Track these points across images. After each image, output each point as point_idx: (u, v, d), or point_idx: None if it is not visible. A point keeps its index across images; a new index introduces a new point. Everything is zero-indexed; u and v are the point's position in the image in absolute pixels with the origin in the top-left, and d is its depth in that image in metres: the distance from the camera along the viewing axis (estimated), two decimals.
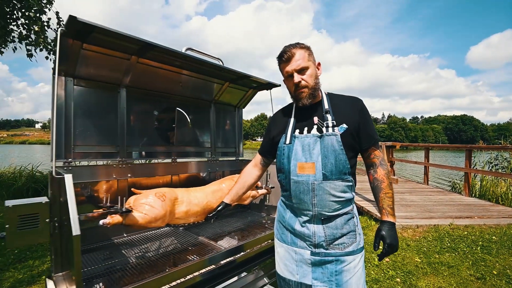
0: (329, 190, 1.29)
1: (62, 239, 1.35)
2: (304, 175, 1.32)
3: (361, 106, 1.38)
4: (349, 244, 1.34)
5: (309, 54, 1.36)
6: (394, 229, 1.32)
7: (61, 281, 1.34)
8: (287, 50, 1.34)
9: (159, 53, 1.80)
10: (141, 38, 1.55)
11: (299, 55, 1.32)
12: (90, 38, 1.55)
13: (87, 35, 1.50)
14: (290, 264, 1.43)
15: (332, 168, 1.29)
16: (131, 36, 1.51)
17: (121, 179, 1.97)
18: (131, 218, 1.48)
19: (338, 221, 1.34)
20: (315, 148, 1.31)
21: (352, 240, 1.35)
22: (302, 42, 1.39)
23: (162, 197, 1.65)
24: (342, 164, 1.29)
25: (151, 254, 1.74)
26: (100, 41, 1.61)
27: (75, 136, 1.78)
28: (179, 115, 2.36)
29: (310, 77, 1.34)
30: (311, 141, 1.33)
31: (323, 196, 1.30)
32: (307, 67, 1.33)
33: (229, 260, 1.77)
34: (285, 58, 1.34)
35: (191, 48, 1.91)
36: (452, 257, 3.63)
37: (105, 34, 1.51)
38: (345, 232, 1.34)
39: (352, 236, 1.35)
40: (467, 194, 7.02)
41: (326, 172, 1.29)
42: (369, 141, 1.37)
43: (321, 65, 1.42)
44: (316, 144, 1.32)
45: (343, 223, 1.34)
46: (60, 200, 1.32)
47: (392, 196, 1.36)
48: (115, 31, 1.44)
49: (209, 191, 2.01)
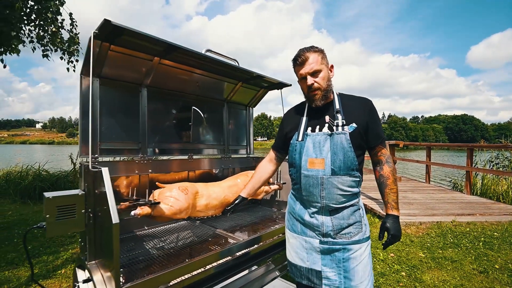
0: (336, 184, 1.39)
1: (96, 229, 1.44)
2: (314, 169, 1.42)
3: (370, 107, 1.48)
4: (355, 234, 1.44)
5: (322, 57, 1.44)
6: (398, 221, 1.44)
7: (95, 268, 1.44)
8: (301, 53, 1.43)
9: (181, 54, 1.90)
10: (166, 40, 1.65)
11: (312, 59, 1.41)
12: (118, 40, 1.65)
13: (117, 37, 1.60)
14: (300, 252, 1.54)
15: (340, 164, 1.38)
16: (157, 38, 1.61)
17: (143, 174, 2.07)
18: (159, 209, 1.57)
19: (345, 212, 1.44)
20: (325, 145, 1.41)
21: (358, 230, 1.45)
22: (316, 46, 1.47)
23: (185, 191, 1.75)
24: (350, 160, 1.39)
25: (177, 244, 1.83)
26: (127, 42, 1.70)
27: (101, 133, 1.88)
28: (195, 114, 2.46)
29: (323, 80, 1.43)
30: (321, 139, 1.43)
31: (331, 190, 1.40)
32: (320, 70, 1.42)
33: (246, 251, 1.87)
34: (299, 61, 1.43)
35: (210, 50, 2.00)
36: (455, 252, 3.73)
37: (132, 36, 1.61)
38: (352, 223, 1.45)
39: (358, 226, 1.46)
40: (469, 192, 7.12)
41: (335, 167, 1.39)
42: (376, 140, 1.47)
43: (334, 68, 1.51)
44: (326, 141, 1.42)
45: (350, 214, 1.44)
46: (95, 192, 1.41)
47: (396, 192, 1.47)
48: (144, 33, 1.53)
49: (226, 186, 2.10)
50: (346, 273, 1.42)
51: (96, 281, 1.34)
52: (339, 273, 1.44)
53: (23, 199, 6.75)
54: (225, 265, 1.75)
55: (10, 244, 4.06)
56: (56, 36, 4.74)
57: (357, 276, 1.41)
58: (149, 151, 2.17)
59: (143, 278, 1.29)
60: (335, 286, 1.44)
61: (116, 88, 1.97)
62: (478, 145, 7.75)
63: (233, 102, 2.89)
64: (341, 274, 1.43)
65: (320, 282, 1.48)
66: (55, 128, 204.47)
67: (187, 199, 1.72)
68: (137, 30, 1.51)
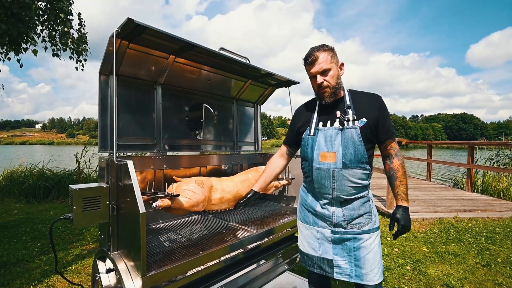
0: (347, 176, 1.46)
1: (119, 220, 1.50)
2: (326, 163, 1.48)
3: (380, 103, 1.53)
4: (366, 224, 1.51)
5: (332, 56, 1.49)
6: (408, 212, 1.49)
7: (118, 258, 1.49)
8: (311, 53, 1.49)
9: (196, 52, 1.96)
10: (184, 38, 1.71)
11: (322, 58, 1.47)
12: (138, 38, 1.70)
13: (137, 36, 1.66)
14: (312, 242, 1.61)
15: (351, 157, 1.45)
16: (175, 36, 1.66)
17: (158, 169, 2.13)
18: (178, 202, 1.64)
19: (355, 203, 1.51)
20: (336, 139, 1.48)
21: (368, 220, 1.52)
22: (327, 44, 1.53)
23: (201, 184, 1.81)
24: (360, 154, 1.45)
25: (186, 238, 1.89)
26: (146, 41, 1.76)
27: (118, 129, 1.94)
28: (206, 111, 2.52)
29: (332, 78, 1.49)
30: (333, 133, 1.50)
31: (342, 182, 1.46)
32: (329, 69, 1.48)
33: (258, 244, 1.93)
34: (309, 61, 1.50)
35: (224, 48, 2.06)
36: (458, 247, 3.80)
37: (152, 35, 1.66)
38: (362, 213, 1.51)
39: (368, 217, 1.52)
40: (470, 190, 7.19)
41: (346, 160, 1.45)
42: (386, 134, 1.52)
43: (344, 65, 1.56)
44: (337, 136, 1.48)
45: (360, 205, 1.51)
46: (119, 184, 1.47)
47: (406, 184, 1.52)
48: (164, 31, 1.59)
49: (238, 181, 2.17)
50: (357, 262, 1.49)
51: (121, 270, 1.39)
52: (350, 261, 1.51)
53: (28, 199, 6.79)
54: (237, 257, 1.81)
55: (18, 241, 4.11)
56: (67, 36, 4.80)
57: (367, 264, 1.48)
58: (164, 147, 2.23)
59: (164, 267, 1.35)
60: (346, 274, 1.51)
61: (132, 86, 2.04)
62: (478, 143, 7.82)
63: (242, 100, 2.96)
64: (352, 263, 1.50)
65: (331, 270, 1.55)
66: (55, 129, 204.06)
67: (204, 192, 1.78)
68: (157, 29, 1.57)
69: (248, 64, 2.22)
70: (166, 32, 1.60)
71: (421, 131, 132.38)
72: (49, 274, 3.12)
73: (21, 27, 3.45)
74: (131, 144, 2.03)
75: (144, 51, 1.88)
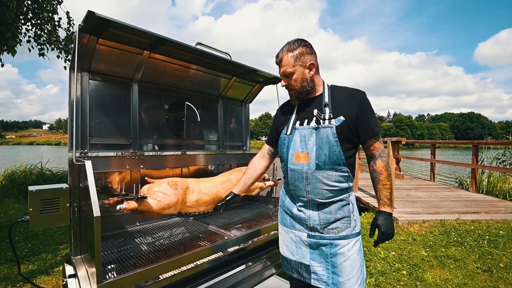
0: (321, 179, 1.37)
1: (81, 223, 1.42)
2: (299, 164, 1.41)
3: (361, 99, 1.40)
4: (343, 229, 1.41)
5: (296, 58, 1.38)
6: (390, 218, 1.39)
7: (79, 263, 1.42)
8: (278, 54, 1.44)
9: (170, 47, 1.87)
10: (154, 32, 1.62)
11: (285, 61, 1.40)
12: (105, 33, 1.62)
13: (103, 30, 1.57)
14: (290, 245, 1.54)
15: (325, 158, 1.35)
16: (145, 30, 1.58)
17: (134, 170, 2.05)
18: (146, 204, 1.55)
19: (332, 207, 1.41)
20: (310, 139, 1.39)
21: (346, 225, 1.41)
22: (296, 41, 1.41)
23: (174, 186, 1.72)
24: (336, 155, 1.35)
25: (166, 240, 1.81)
26: (115, 36, 1.68)
27: (90, 128, 1.86)
28: (189, 109, 2.43)
29: (295, 82, 1.42)
30: (307, 133, 1.41)
31: (315, 184, 1.38)
32: (292, 73, 1.40)
33: (238, 248, 1.84)
34: (276, 62, 1.46)
35: (201, 43, 1.97)
36: (458, 250, 3.65)
37: (119, 29, 1.58)
38: (339, 217, 1.41)
39: (346, 222, 1.42)
40: (474, 190, 6.98)
41: (320, 162, 1.36)
42: (367, 133, 1.40)
43: (315, 65, 1.42)
44: (311, 135, 1.39)
45: (337, 209, 1.41)
46: (80, 186, 1.39)
47: (390, 188, 1.41)
48: (129, 25, 1.51)
49: (218, 182, 2.07)
50: (334, 269, 1.39)
51: (80, 277, 1.31)
52: (327, 268, 1.41)
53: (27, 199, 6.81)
54: (216, 261, 1.72)
55: None
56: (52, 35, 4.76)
57: (344, 272, 1.38)
58: (141, 147, 2.15)
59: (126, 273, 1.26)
60: (323, 281, 1.41)
61: (106, 83, 1.96)
62: (484, 142, 7.59)
63: (228, 98, 2.86)
64: (329, 269, 1.40)
65: (309, 276, 1.46)
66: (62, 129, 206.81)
67: (176, 194, 1.70)
68: (123, 22, 1.48)
69: (229, 60, 2.12)
70: (133, 26, 1.51)
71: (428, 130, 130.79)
72: (35, 275, 3.08)
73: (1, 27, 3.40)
74: (105, 143, 1.95)
75: (116, 46, 1.80)
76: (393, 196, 1.44)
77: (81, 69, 1.82)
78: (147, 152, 2.19)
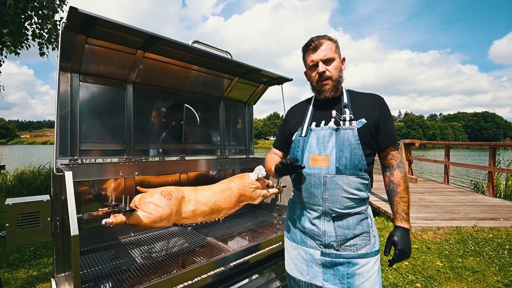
0: (341, 185, 1.24)
1: (64, 239, 1.30)
2: (317, 167, 1.28)
3: (382, 103, 1.34)
4: (362, 246, 1.27)
5: (336, 46, 1.35)
6: (408, 235, 1.27)
7: (62, 282, 1.30)
8: (314, 39, 1.33)
9: (165, 46, 1.74)
10: (145, 30, 1.49)
11: (326, 46, 1.31)
12: (94, 31, 1.51)
13: (90, 28, 1.45)
14: (300, 264, 1.38)
15: (346, 162, 1.24)
16: (135, 28, 1.46)
17: (128, 177, 1.93)
18: (135, 217, 1.42)
19: (350, 220, 1.27)
20: (330, 140, 1.28)
21: (365, 242, 1.28)
22: (331, 35, 1.37)
23: (168, 196, 1.59)
24: (357, 159, 1.24)
25: (158, 254, 1.69)
26: (104, 34, 1.56)
27: (81, 133, 1.75)
28: (188, 112, 2.30)
29: (335, 69, 1.32)
30: (326, 134, 1.30)
31: (335, 191, 1.25)
32: (333, 59, 1.32)
33: (239, 263, 1.70)
34: (312, 46, 1.32)
35: (198, 41, 1.84)
36: (476, 261, 3.41)
37: (108, 27, 1.46)
38: (358, 233, 1.27)
39: (365, 238, 1.28)
40: (491, 195, 6.67)
41: (340, 165, 1.24)
42: (387, 140, 1.31)
43: (345, 61, 1.41)
44: (331, 136, 1.28)
45: (356, 223, 1.28)
46: (62, 198, 1.27)
47: (408, 201, 1.30)
48: (118, 22, 1.39)
49: (218, 190, 1.93)
50: None
51: None
52: None
53: None
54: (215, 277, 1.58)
55: None
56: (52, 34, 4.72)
57: None
58: (136, 152, 2.02)
59: None
60: None
61: (98, 85, 1.84)
62: (501, 144, 7.25)
63: (230, 99, 2.72)
64: None
65: None
66: None
67: (170, 205, 1.56)
68: (110, 19, 1.36)
69: (230, 60, 1.98)
70: (122, 23, 1.39)
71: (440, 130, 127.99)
72: (34, 282, 3.01)
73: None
74: (96, 149, 1.83)
75: (107, 46, 1.68)
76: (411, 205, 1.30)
77: (71, 70, 1.70)
78: (142, 158, 2.07)
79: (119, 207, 1.43)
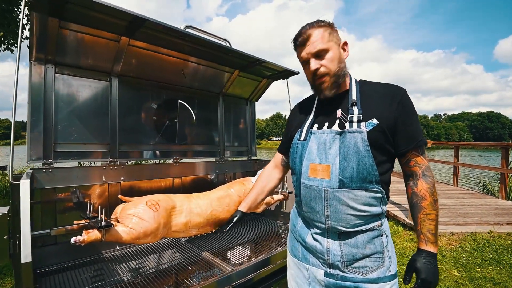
0: (346, 201, 1.01)
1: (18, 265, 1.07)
2: (317, 179, 1.06)
3: (401, 98, 1.06)
4: (374, 269, 1.04)
5: (330, 32, 1.09)
6: (434, 261, 1.02)
7: None
8: (302, 31, 1.10)
9: (152, 31, 1.50)
10: (128, 10, 1.25)
11: (316, 36, 1.07)
12: (67, 13, 1.27)
13: (61, 8, 1.22)
14: (301, 283, 1.18)
15: (352, 173, 1.00)
16: (114, 6, 1.21)
17: (113, 183, 1.69)
18: (114, 233, 1.18)
19: (359, 238, 1.04)
20: (332, 147, 1.05)
21: (377, 264, 1.04)
22: (323, 20, 1.12)
23: (155, 206, 1.35)
24: (366, 169, 1.00)
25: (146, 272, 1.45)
26: (80, 16, 1.33)
27: (56, 133, 1.52)
28: (182, 109, 2.06)
29: (331, 62, 1.08)
30: (328, 138, 1.07)
31: (338, 208, 1.02)
32: (327, 49, 1.07)
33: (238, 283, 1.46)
34: (299, 41, 1.10)
35: (191, 26, 1.60)
36: (497, 271, 3.15)
37: (83, 6, 1.23)
38: (369, 253, 1.04)
39: (378, 259, 1.04)
40: (504, 197, 6.39)
41: (344, 178, 1.01)
42: (408, 143, 1.05)
43: (348, 45, 1.15)
44: (334, 142, 1.05)
45: (366, 241, 1.04)
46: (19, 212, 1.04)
47: (435, 219, 1.04)
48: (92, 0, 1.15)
49: (215, 198, 1.69)
50: None
51: None
52: None
53: None
54: None
55: None
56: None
57: None
58: (122, 155, 1.78)
59: None
60: None
61: (78, 77, 1.61)
62: None
63: (230, 95, 2.47)
64: None
65: None
66: None
67: (157, 218, 1.32)
68: None
69: (229, 48, 1.73)
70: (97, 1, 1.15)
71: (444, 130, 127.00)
72: None
73: None
74: (75, 151, 1.60)
75: (85, 31, 1.45)
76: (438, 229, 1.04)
77: (45, 61, 1.47)
78: (130, 161, 1.83)
79: (97, 220, 1.20)
